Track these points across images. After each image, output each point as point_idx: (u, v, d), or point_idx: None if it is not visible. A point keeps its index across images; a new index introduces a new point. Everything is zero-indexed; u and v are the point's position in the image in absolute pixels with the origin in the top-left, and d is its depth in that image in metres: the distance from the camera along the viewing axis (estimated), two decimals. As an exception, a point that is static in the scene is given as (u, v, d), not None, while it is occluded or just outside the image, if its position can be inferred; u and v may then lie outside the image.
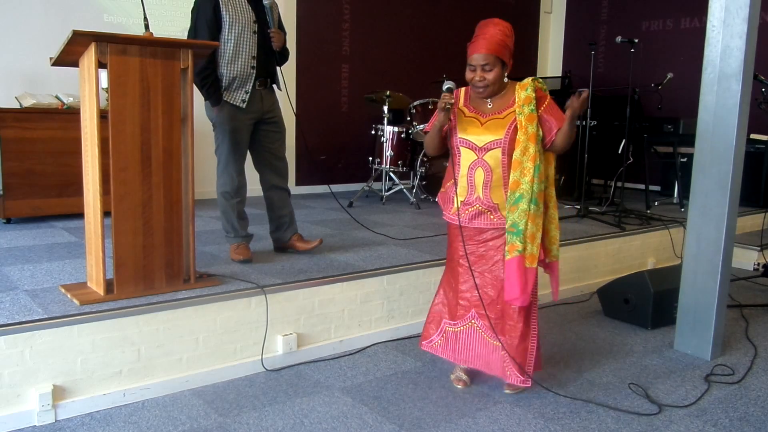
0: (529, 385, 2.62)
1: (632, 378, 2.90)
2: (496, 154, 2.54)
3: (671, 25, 7.38)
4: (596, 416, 2.52)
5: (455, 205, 2.62)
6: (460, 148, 2.59)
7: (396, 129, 5.69)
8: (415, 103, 5.64)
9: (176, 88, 2.66)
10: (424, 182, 5.70)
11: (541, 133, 2.53)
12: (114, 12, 5.16)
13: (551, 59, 8.58)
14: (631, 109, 5.37)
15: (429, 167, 5.63)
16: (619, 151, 5.52)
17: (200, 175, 3.60)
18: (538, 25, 8.44)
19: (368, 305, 3.26)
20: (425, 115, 5.60)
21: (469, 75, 2.58)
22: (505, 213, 2.55)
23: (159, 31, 4.73)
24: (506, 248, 2.53)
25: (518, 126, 2.51)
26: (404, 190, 5.71)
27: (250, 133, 3.34)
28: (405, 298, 3.40)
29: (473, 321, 2.69)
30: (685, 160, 5.98)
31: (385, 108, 5.68)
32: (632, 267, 4.52)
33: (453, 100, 2.52)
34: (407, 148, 5.77)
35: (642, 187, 6.07)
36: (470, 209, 2.60)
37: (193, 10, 3.16)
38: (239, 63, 3.19)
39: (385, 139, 5.66)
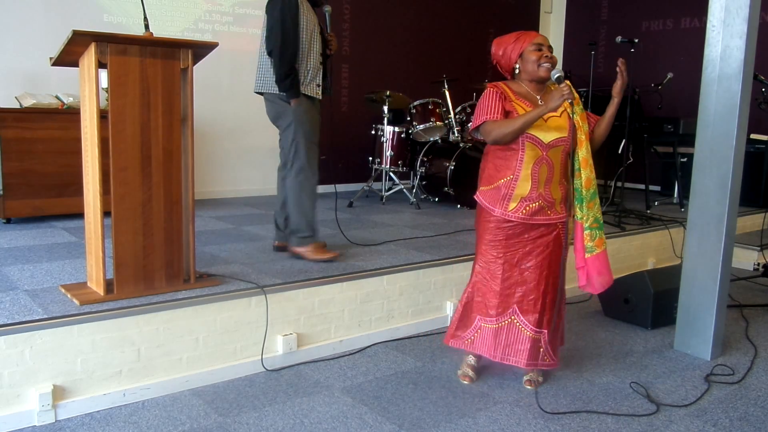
0: (557, 365, 2.81)
1: (632, 378, 2.90)
2: (558, 151, 2.61)
3: (671, 25, 7.38)
4: (596, 416, 2.52)
5: (513, 202, 2.62)
6: (526, 143, 2.58)
7: (396, 129, 5.69)
8: (415, 103, 5.64)
9: (176, 88, 2.66)
10: (424, 182, 5.70)
11: (588, 126, 2.67)
12: (114, 12, 5.16)
13: (551, 59, 8.57)
14: (631, 109, 5.37)
15: (429, 167, 5.63)
16: (619, 151, 5.52)
17: (200, 175, 3.60)
18: (538, 25, 8.44)
19: (368, 305, 3.26)
20: (425, 115, 5.61)
21: (534, 55, 2.58)
22: (558, 208, 2.66)
23: (159, 31, 4.72)
24: (591, 244, 2.66)
25: (576, 125, 2.60)
26: (404, 190, 5.71)
27: (319, 132, 3.48)
28: (405, 298, 3.40)
29: (513, 317, 2.69)
30: (685, 160, 5.99)
31: (385, 108, 5.67)
32: (632, 267, 4.52)
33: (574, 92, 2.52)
34: (407, 148, 5.77)
35: (642, 187, 6.07)
36: (532, 205, 2.61)
37: (274, 8, 3.23)
38: (312, 58, 3.36)
39: (385, 139, 5.66)
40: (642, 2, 7.60)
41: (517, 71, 2.65)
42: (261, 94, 3.41)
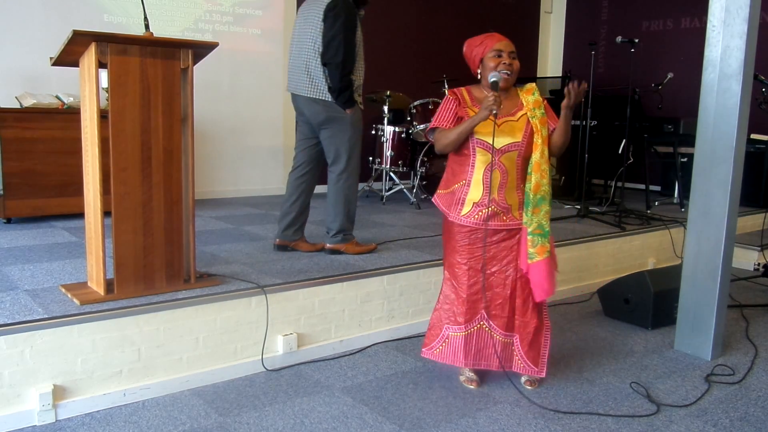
0: (544, 375, 2.74)
1: (632, 378, 2.90)
2: (512, 156, 2.57)
3: (671, 25, 7.38)
4: (596, 416, 2.52)
5: (465, 207, 2.61)
6: (477, 149, 2.57)
7: (396, 129, 5.69)
8: (416, 103, 5.65)
9: (176, 88, 2.66)
10: (424, 182, 5.70)
11: (548, 130, 2.60)
12: (114, 12, 5.16)
13: (551, 59, 8.58)
14: (632, 109, 5.37)
15: (429, 167, 5.63)
16: (620, 151, 5.52)
17: (200, 175, 3.60)
18: (538, 25, 8.44)
19: (368, 305, 3.26)
20: (425, 115, 5.60)
21: (493, 62, 2.57)
22: (516, 214, 2.61)
23: (159, 31, 4.73)
24: (533, 251, 2.57)
25: (534, 129, 2.57)
26: (404, 190, 5.72)
27: None
28: (405, 298, 3.40)
29: (482, 323, 2.69)
30: (685, 160, 5.98)
31: (385, 108, 5.68)
32: (632, 267, 4.52)
33: (500, 100, 2.48)
34: (407, 148, 5.77)
35: (642, 187, 6.07)
36: (485, 210, 2.59)
37: (336, 20, 3.30)
38: (361, 70, 3.52)
39: (385, 139, 5.66)
40: (642, 2, 7.60)
41: (479, 76, 2.65)
42: (295, 95, 3.53)
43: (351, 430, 2.36)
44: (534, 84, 2.67)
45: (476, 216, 2.60)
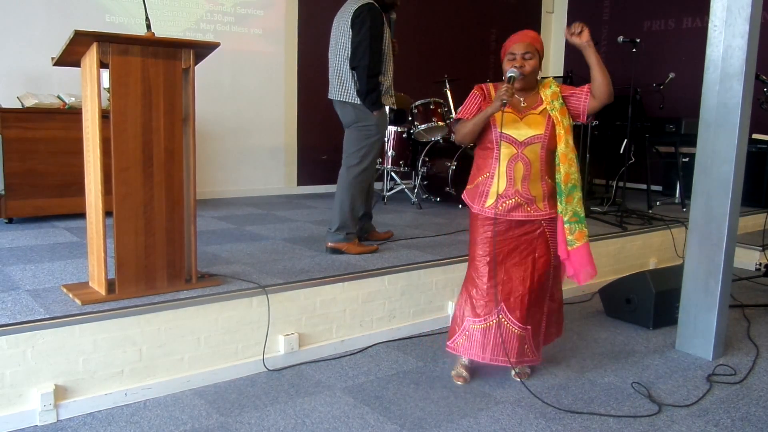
0: (539, 362, 2.84)
1: (634, 378, 2.89)
2: (536, 148, 2.63)
3: (673, 25, 7.38)
4: (597, 416, 2.51)
5: (489, 199, 2.66)
6: (501, 142, 2.63)
7: (398, 129, 5.68)
8: (417, 103, 5.64)
9: (178, 88, 2.66)
10: (425, 182, 5.69)
11: (570, 118, 2.67)
12: (116, 12, 5.16)
13: (553, 59, 8.57)
14: (633, 109, 5.37)
15: (430, 167, 5.63)
16: (621, 151, 5.51)
17: (202, 175, 3.60)
18: (539, 25, 8.43)
19: (370, 305, 3.26)
20: (426, 114, 5.60)
21: (508, 64, 2.64)
22: (541, 205, 2.67)
23: (161, 31, 4.73)
24: (571, 237, 2.67)
25: (555, 121, 2.62)
26: (406, 190, 5.72)
27: None
28: (406, 298, 3.40)
29: (501, 315, 2.70)
30: (686, 160, 5.97)
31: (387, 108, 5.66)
32: (634, 267, 4.52)
33: (513, 92, 2.55)
34: (409, 148, 5.76)
35: (644, 187, 6.06)
36: (508, 202, 2.65)
37: (363, 25, 3.43)
38: (390, 71, 3.62)
39: (386, 139, 5.66)
40: (644, 2, 7.59)
41: None
42: (331, 99, 3.68)
43: (352, 430, 2.36)
44: (551, 78, 2.73)
45: (500, 207, 2.65)
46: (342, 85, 3.57)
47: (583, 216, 2.71)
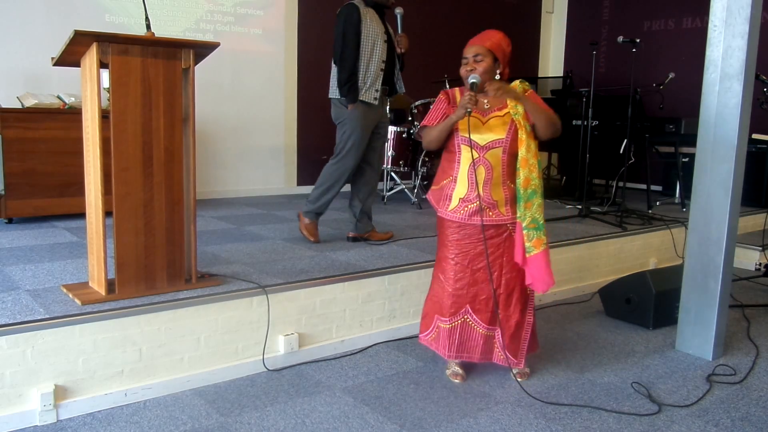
0: (522, 366, 2.82)
1: (634, 378, 2.89)
2: (497, 152, 2.61)
3: (673, 25, 7.38)
4: (598, 416, 2.51)
5: (452, 202, 2.66)
6: (461, 146, 2.63)
7: (397, 129, 5.69)
8: (417, 103, 5.64)
9: (178, 88, 2.66)
10: (425, 182, 5.70)
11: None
12: (115, 12, 5.16)
13: (553, 59, 8.57)
14: (633, 109, 5.37)
15: (430, 167, 5.63)
16: (621, 151, 5.51)
17: (202, 175, 3.60)
18: (539, 25, 8.44)
19: (370, 305, 3.26)
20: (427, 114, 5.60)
21: (461, 70, 2.67)
22: (503, 210, 2.64)
23: (160, 31, 4.73)
24: (529, 244, 2.61)
25: (518, 125, 2.59)
26: (405, 190, 5.72)
27: (369, 135, 3.81)
28: (406, 298, 3.40)
29: (466, 316, 2.73)
30: (686, 160, 5.97)
31: (387, 108, 5.66)
32: (634, 267, 4.52)
33: (476, 99, 2.55)
34: (408, 148, 5.77)
35: (643, 187, 6.06)
36: (470, 206, 2.64)
37: (338, 22, 3.64)
38: (372, 66, 3.68)
39: (386, 139, 5.65)
40: (643, 2, 7.59)
41: None
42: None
43: (352, 430, 2.36)
44: (517, 81, 2.67)
45: (462, 211, 2.65)
46: (331, 83, 3.75)
47: (542, 223, 2.63)
